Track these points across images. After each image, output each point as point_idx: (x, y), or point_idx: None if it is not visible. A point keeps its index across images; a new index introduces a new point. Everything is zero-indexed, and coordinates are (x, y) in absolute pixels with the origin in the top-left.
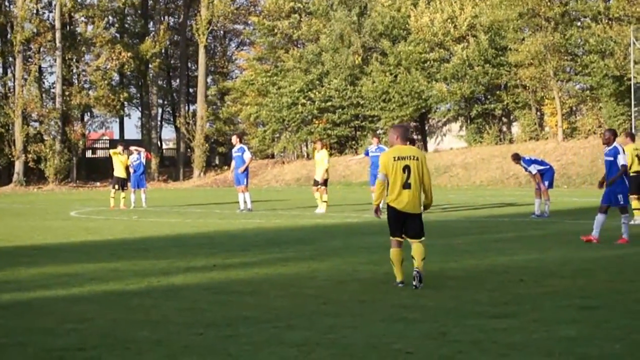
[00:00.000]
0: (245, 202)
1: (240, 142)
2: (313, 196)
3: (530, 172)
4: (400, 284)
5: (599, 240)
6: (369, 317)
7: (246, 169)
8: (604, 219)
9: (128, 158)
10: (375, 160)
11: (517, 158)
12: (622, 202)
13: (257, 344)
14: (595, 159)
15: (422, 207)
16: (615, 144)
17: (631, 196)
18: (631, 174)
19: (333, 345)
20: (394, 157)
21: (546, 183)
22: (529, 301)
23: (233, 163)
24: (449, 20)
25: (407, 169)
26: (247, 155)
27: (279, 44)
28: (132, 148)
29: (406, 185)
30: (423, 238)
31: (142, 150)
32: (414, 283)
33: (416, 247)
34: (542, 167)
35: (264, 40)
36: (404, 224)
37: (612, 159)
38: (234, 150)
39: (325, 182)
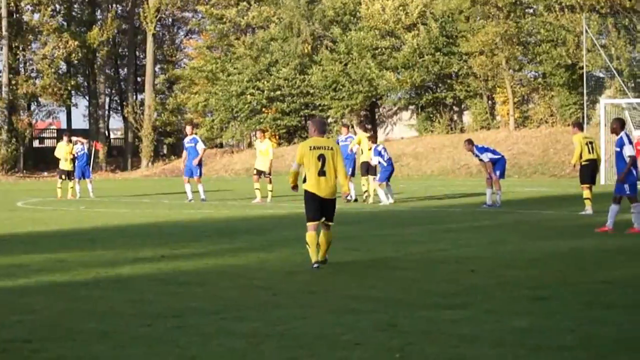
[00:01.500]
0: (192, 192)
1: (193, 132)
2: (261, 186)
3: (482, 160)
4: (315, 265)
5: (613, 230)
6: (319, 308)
7: (200, 160)
8: (618, 209)
9: (73, 148)
10: (344, 149)
11: (470, 144)
12: (628, 192)
13: (205, 335)
14: (547, 148)
15: (335, 194)
16: (621, 133)
17: (582, 185)
18: (582, 163)
19: (282, 337)
20: (310, 147)
21: (497, 173)
22: (480, 292)
23: (185, 153)
24: (400, 8)
25: (321, 157)
26: (201, 146)
27: (228, 31)
28: (75, 139)
29: (321, 173)
30: (332, 223)
31: (85, 141)
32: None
33: (324, 235)
34: (494, 157)
35: (212, 29)
36: (321, 208)
37: (619, 149)
38: (186, 140)
39: (269, 172)
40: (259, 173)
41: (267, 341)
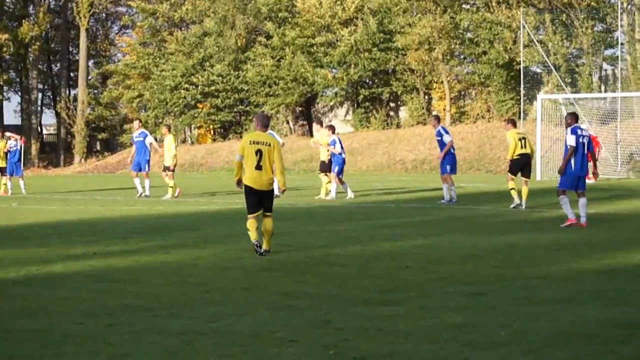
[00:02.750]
0: (143, 187)
1: (141, 126)
2: (195, 182)
3: (444, 140)
4: (256, 243)
5: (587, 223)
6: (253, 305)
7: (149, 155)
8: (584, 201)
9: (6, 144)
10: None
11: (437, 120)
12: (558, 185)
13: (137, 333)
14: (483, 144)
15: (273, 186)
16: (574, 125)
17: (510, 175)
18: (514, 157)
19: (216, 334)
20: (250, 141)
21: (448, 167)
22: (415, 288)
23: (133, 148)
24: (337, 2)
25: (259, 152)
26: (150, 140)
27: (161, 27)
28: (9, 134)
29: (258, 167)
30: (272, 212)
31: (19, 137)
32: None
33: (266, 222)
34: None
35: (145, 24)
36: (260, 200)
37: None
38: (134, 134)
39: (173, 168)
40: (166, 169)
41: (200, 338)
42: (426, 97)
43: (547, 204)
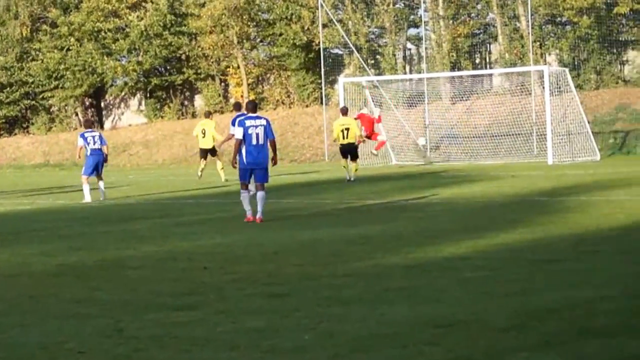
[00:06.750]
0: None
1: None
2: None
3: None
4: None
5: (252, 218)
6: (40, 314)
7: None
8: (247, 194)
9: None
10: None
11: (238, 108)
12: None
13: None
14: (285, 132)
15: None
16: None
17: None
18: (339, 145)
19: None
20: None
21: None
22: (214, 290)
23: None
24: None
25: None
26: None
27: None
28: None
29: None
30: None
31: None
32: None
33: None
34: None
35: None
36: None
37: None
38: None
39: None
40: None
41: None
42: (222, 83)
43: (355, 195)
